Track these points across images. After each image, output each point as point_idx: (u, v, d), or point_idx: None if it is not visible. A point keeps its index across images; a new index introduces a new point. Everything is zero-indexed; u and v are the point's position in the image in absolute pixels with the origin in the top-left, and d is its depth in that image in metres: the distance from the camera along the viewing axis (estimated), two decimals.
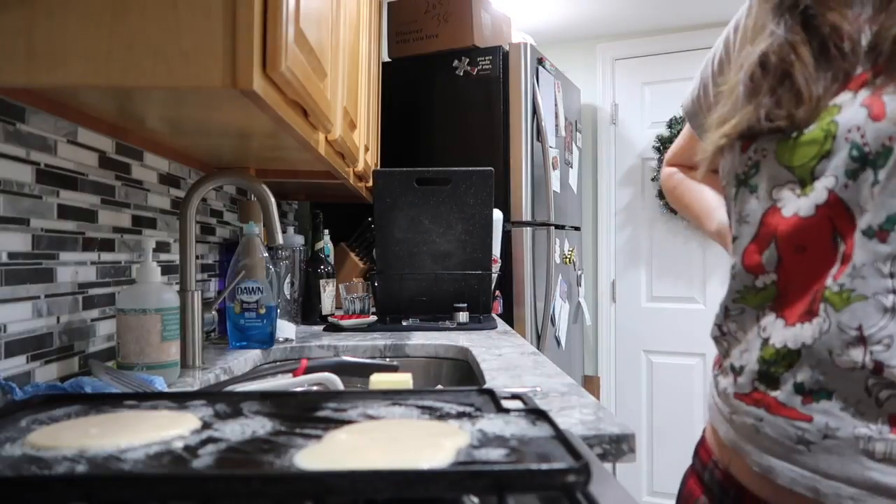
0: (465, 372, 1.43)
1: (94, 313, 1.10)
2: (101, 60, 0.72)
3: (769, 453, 0.61)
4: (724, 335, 0.70)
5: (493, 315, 1.98)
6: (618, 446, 0.76)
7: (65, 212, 1.00)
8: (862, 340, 0.56)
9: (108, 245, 1.13)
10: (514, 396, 0.61)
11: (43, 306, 0.95)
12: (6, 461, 0.46)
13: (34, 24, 0.72)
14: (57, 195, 0.98)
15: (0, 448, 0.48)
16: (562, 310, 2.67)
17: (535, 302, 2.42)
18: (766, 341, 0.63)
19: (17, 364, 0.90)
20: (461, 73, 2.41)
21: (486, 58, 2.38)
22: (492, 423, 0.53)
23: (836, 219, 0.58)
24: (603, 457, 0.75)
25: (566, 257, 2.74)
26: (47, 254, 0.96)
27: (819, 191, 0.58)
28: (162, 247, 1.35)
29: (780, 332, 0.61)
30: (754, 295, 0.65)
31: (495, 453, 0.46)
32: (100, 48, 0.72)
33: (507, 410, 0.57)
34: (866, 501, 0.55)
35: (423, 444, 0.47)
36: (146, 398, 0.62)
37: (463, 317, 1.77)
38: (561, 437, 0.49)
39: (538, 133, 2.44)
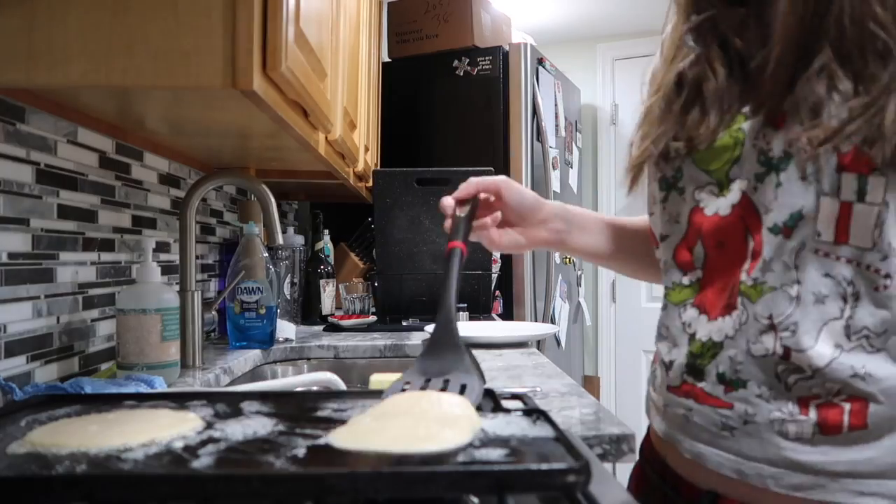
0: None
1: (94, 313, 1.10)
2: (101, 60, 0.72)
3: (698, 440, 0.65)
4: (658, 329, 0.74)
5: (494, 315, 1.98)
6: (618, 446, 0.76)
7: (65, 212, 1.00)
8: (772, 328, 0.60)
9: (108, 245, 1.13)
10: (515, 396, 0.61)
11: (43, 306, 0.95)
12: (6, 460, 0.46)
13: (34, 24, 0.72)
14: (57, 195, 0.98)
15: (0, 448, 0.48)
16: (562, 310, 2.67)
17: (535, 302, 2.42)
18: (692, 336, 0.66)
19: (17, 364, 0.90)
20: (461, 73, 2.41)
21: (486, 58, 2.38)
22: (492, 423, 0.53)
23: (746, 218, 0.63)
24: (603, 457, 0.75)
25: (566, 257, 2.74)
26: (47, 254, 0.96)
27: (734, 192, 0.64)
28: (162, 247, 1.35)
29: (705, 326, 0.65)
30: (679, 291, 0.69)
31: (495, 453, 0.46)
32: (100, 48, 0.72)
33: (507, 410, 0.57)
34: (784, 479, 0.60)
35: (443, 423, 0.49)
36: (146, 398, 0.62)
37: (463, 317, 1.77)
38: (561, 437, 0.49)
39: (538, 133, 2.43)
